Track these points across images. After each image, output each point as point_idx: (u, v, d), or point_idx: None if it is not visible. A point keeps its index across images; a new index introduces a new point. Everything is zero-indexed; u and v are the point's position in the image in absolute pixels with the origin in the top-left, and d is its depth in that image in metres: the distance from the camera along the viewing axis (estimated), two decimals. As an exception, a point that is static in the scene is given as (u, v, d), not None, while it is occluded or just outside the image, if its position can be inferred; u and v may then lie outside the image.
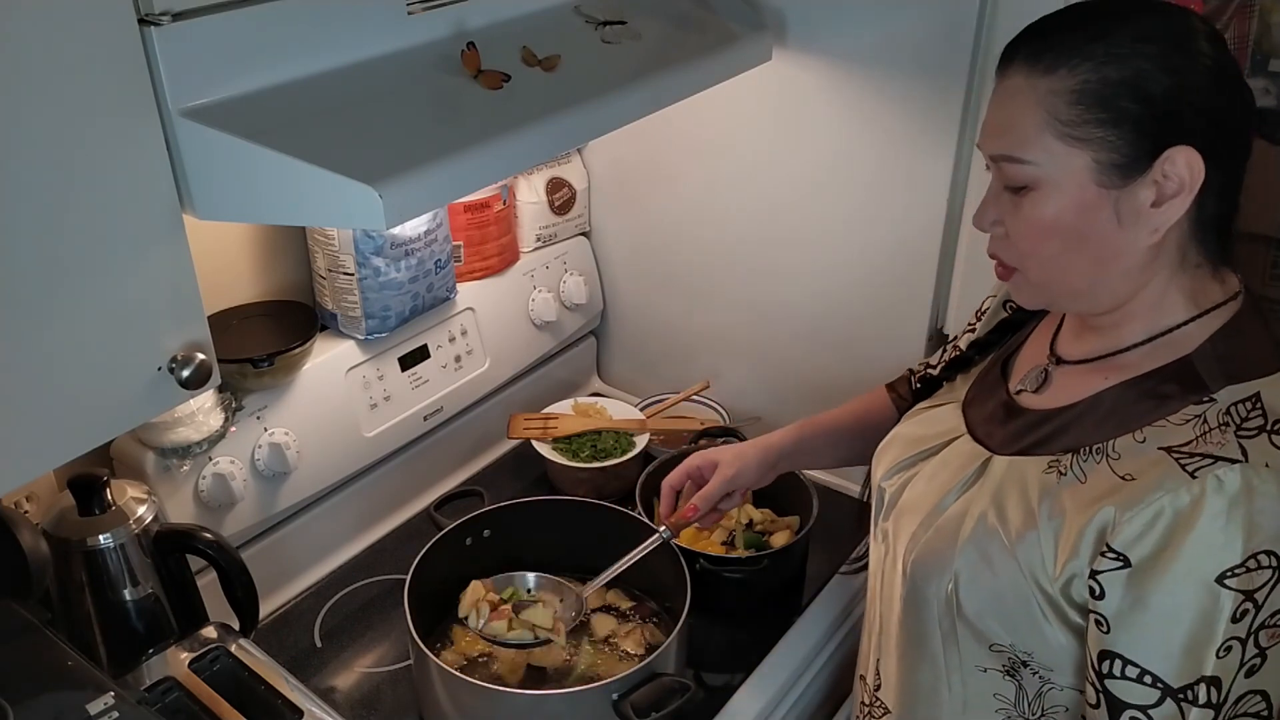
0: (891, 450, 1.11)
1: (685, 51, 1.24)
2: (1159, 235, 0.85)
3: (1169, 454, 0.84)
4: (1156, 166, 0.83)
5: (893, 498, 1.07)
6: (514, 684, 1.25)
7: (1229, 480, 0.80)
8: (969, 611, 0.95)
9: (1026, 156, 0.85)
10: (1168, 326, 0.90)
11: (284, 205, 0.88)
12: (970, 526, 0.95)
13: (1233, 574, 0.80)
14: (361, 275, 1.39)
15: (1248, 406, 0.84)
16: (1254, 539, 0.80)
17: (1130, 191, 0.84)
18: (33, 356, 0.79)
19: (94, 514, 1.10)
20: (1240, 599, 0.80)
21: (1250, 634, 0.81)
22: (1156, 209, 0.84)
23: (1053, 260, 0.89)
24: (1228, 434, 0.82)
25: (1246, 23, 1.95)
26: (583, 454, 1.60)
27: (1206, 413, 0.85)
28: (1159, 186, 0.83)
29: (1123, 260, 0.87)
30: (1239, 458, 0.81)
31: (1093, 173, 0.84)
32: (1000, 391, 1.02)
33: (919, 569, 1.00)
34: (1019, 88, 0.86)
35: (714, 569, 1.33)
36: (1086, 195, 0.85)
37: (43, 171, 0.76)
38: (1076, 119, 0.83)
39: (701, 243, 1.66)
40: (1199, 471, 0.81)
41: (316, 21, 0.92)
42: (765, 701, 1.26)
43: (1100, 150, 0.83)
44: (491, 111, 1.00)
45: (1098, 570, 0.85)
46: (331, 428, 1.42)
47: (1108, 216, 0.85)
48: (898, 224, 1.43)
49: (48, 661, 0.93)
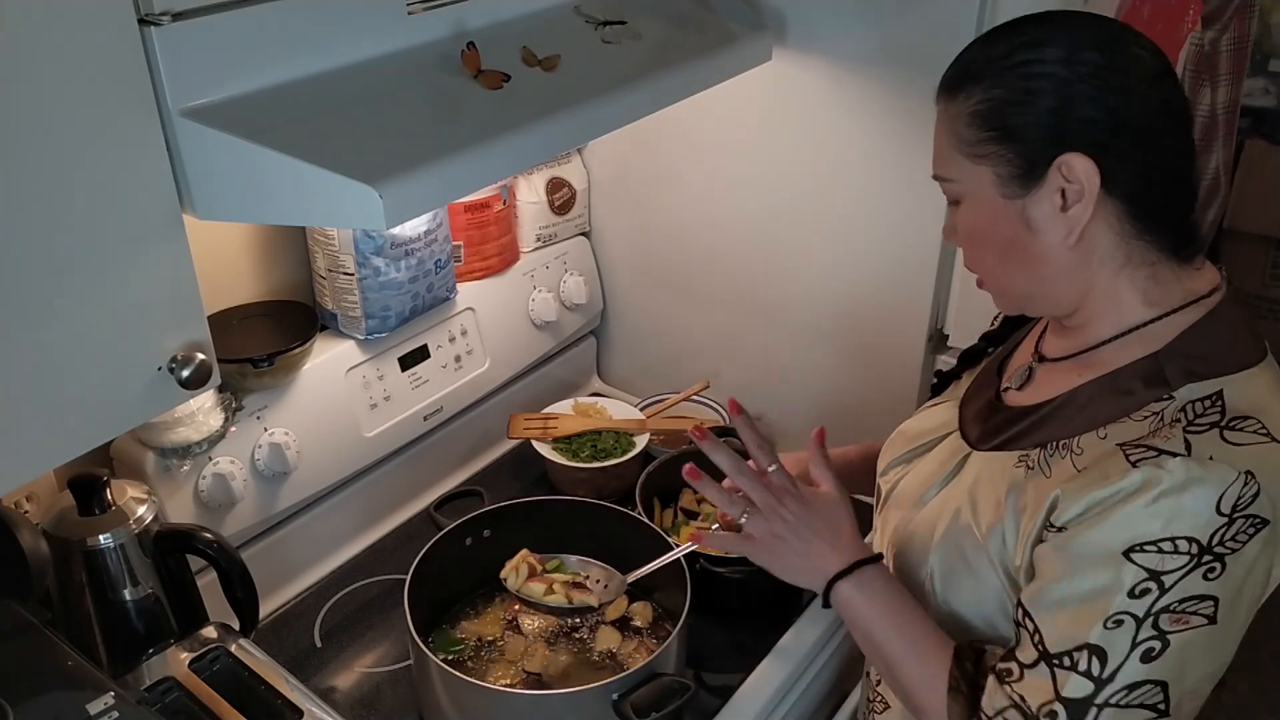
0: (893, 446, 1.13)
1: (685, 51, 1.24)
2: (1074, 238, 0.88)
3: (1121, 449, 0.86)
4: (1053, 173, 0.86)
5: (887, 492, 1.10)
6: (514, 684, 1.25)
7: (1166, 470, 0.82)
8: (945, 605, 0.97)
9: (946, 174, 0.93)
10: (1132, 324, 0.91)
11: (284, 205, 0.88)
12: (945, 523, 0.97)
13: (1141, 549, 0.81)
14: (361, 275, 1.39)
15: (1205, 404, 0.85)
16: (1176, 523, 0.81)
17: (1034, 200, 0.88)
18: (33, 356, 0.79)
19: (94, 514, 1.10)
20: (1143, 576, 0.81)
21: (1149, 614, 0.81)
22: (1064, 214, 0.87)
23: (994, 269, 0.95)
24: (1175, 429, 0.84)
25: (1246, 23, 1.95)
26: (583, 454, 1.60)
27: (1165, 410, 0.86)
28: (1063, 192, 0.86)
29: (1052, 264, 0.90)
30: (1180, 451, 0.82)
31: (996, 185, 0.89)
32: (991, 389, 1.04)
33: (900, 562, 1.03)
34: (940, 113, 0.93)
35: (714, 569, 1.33)
36: (996, 206, 0.90)
37: (43, 172, 0.76)
38: (974, 138, 0.89)
39: (702, 243, 1.66)
40: (1140, 462, 0.83)
41: (316, 21, 0.93)
42: (765, 701, 1.26)
43: (998, 164, 0.88)
44: (491, 111, 1.00)
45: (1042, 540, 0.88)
46: (331, 428, 1.42)
47: (1019, 225, 0.89)
48: (898, 224, 1.43)
49: (48, 661, 0.93)
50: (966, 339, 1.45)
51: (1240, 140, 2.25)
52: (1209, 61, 1.93)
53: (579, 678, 1.27)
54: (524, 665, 1.28)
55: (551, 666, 1.28)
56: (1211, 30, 1.90)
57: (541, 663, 1.28)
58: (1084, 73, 0.85)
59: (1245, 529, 0.80)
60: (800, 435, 1.63)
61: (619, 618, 1.35)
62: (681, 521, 1.49)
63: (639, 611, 1.36)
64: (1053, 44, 0.86)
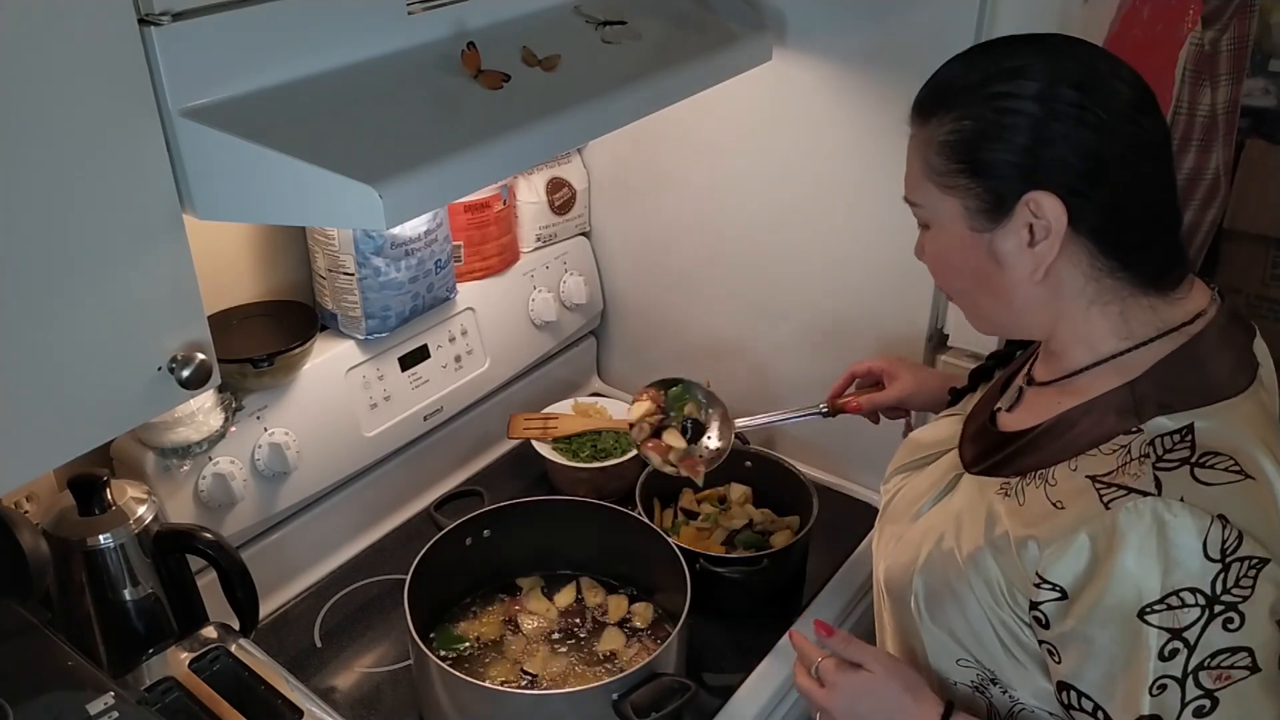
0: (900, 454, 1.12)
1: (685, 51, 1.24)
2: (1040, 275, 0.86)
3: (1092, 483, 0.84)
4: (1021, 210, 0.84)
5: (885, 502, 1.09)
6: (514, 684, 1.25)
7: (1139, 513, 0.79)
8: (933, 625, 0.96)
9: (915, 200, 0.92)
10: (1107, 354, 0.89)
11: (284, 205, 0.88)
12: (929, 547, 0.96)
13: (1152, 610, 0.79)
14: (361, 275, 1.39)
15: (1175, 439, 0.82)
16: (1172, 575, 0.78)
17: (1001, 235, 0.86)
18: (33, 356, 0.79)
19: (94, 514, 1.10)
20: (1166, 637, 0.79)
21: (1187, 674, 0.79)
22: (1031, 249, 0.85)
23: (962, 295, 0.94)
24: (1145, 466, 0.82)
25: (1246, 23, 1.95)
26: (583, 454, 1.60)
27: (1132, 443, 0.84)
28: (1030, 228, 0.85)
29: (1019, 296, 0.89)
30: (1151, 490, 0.80)
31: (964, 218, 0.87)
32: (989, 408, 1.03)
33: (887, 580, 1.02)
34: (912, 135, 0.91)
35: (714, 569, 1.33)
36: (964, 238, 0.88)
37: (43, 172, 0.76)
38: (944, 168, 0.87)
39: (702, 243, 1.66)
40: (1113, 503, 0.81)
41: (316, 21, 0.92)
42: (765, 701, 1.26)
43: (966, 197, 0.86)
44: (491, 111, 1.00)
45: (1037, 601, 0.85)
46: (331, 428, 1.42)
47: (985, 258, 0.88)
48: (898, 223, 1.42)
49: (48, 661, 0.93)
50: (967, 339, 1.45)
51: (1240, 140, 2.25)
52: (1209, 61, 1.93)
53: (579, 678, 1.27)
54: (524, 665, 1.28)
55: (551, 666, 1.28)
56: (1211, 30, 1.90)
57: (541, 663, 1.28)
58: (1059, 110, 0.82)
59: (1246, 572, 0.78)
60: (800, 435, 1.64)
61: (621, 619, 1.35)
62: (682, 522, 1.49)
63: (639, 611, 1.36)
64: (1030, 75, 0.83)
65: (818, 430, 1.38)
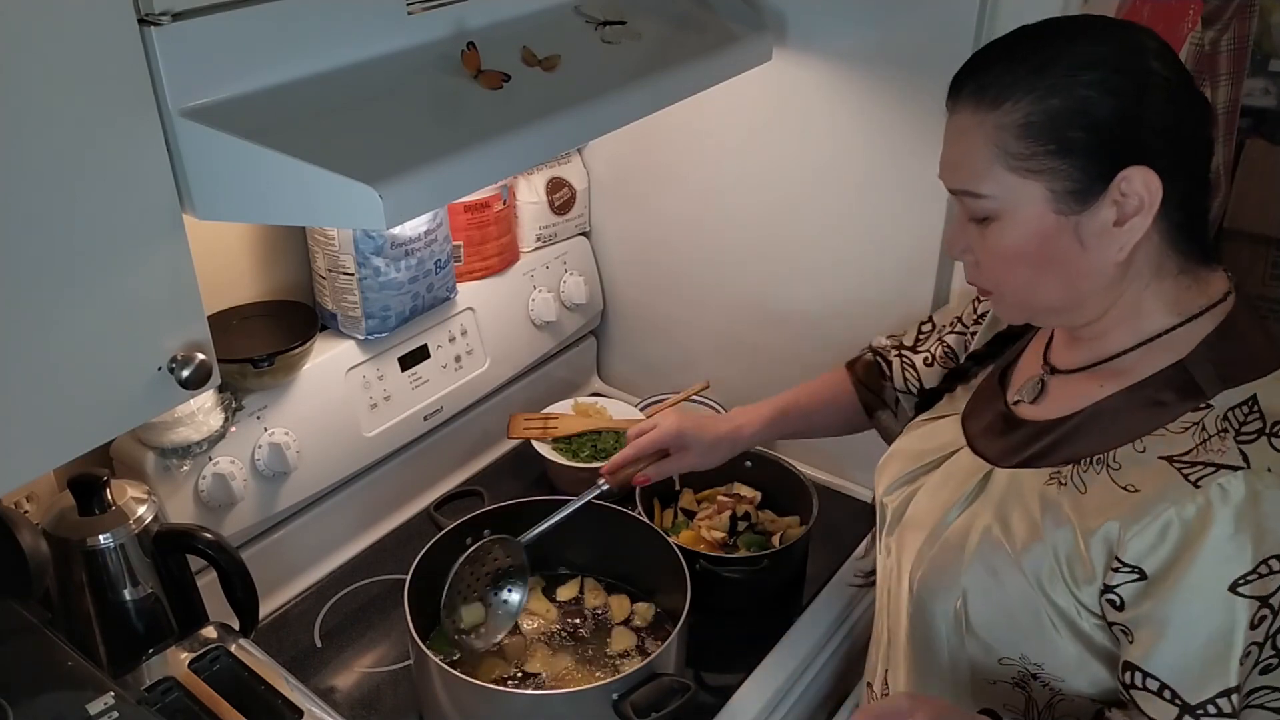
0: (892, 465, 1.10)
1: (685, 51, 1.24)
2: (1125, 253, 0.86)
3: (1170, 464, 0.84)
4: (1113, 188, 0.83)
5: (896, 513, 1.07)
6: (514, 684, 1.25)
7: (1233, 488, 0.80)
8: (978, 626, 0.95)
9: (982, 190, 0.87)
10: (1153, 333, 0.90)
11: (284, 205, 0.88)
12: (975, 541, 0.94)
13: (1245, 581, 0.80)
14: (361, 275, 1.39)
15: (1245, 410, 0.83)
16: (1264, 544, 0.79)
17: (1089, 215, 0.84)
18: (33, 356, 0.79)
19: (94, 514, 1.10)
20: (1256, 606, 0.80)
21: (1268, 638, 0.81)
22: (1119, 228, 0.84)
23: (1024, 285, 0.90)
24: (1227, 440, 0.82)
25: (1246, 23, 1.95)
26: (583, 454, 1.60)
27: (1204, 419, 0.84)
28: (1119, 206, 0.84)
29: (1093, 279, 0.88)
30: (1241, 464, 0.81)
31: (1049, 202, 0.85)
32: (998, 403, 1.02)
33: (925, 587, 0.99)
34: (968, 124, 0.87)
35: (714, 569, 1.33)
36: (1045, 224, 0.85)
37: (43, 172, 0.76)
38: (1026, 151, 0.84)
39: (701, 243, 1.66)
40: (1202, 481, 0.81)
41: (316, 21, 0.92)
42: (765, 701, 1.26)
43: (1054, 180, 0.84)
44: (491, 111, 1.00)
45: (1113, 584, 0.85)
46: (331, 428, 1.42)
47: (1070, 241, 0.86)
48: (897, 224, 1.43)
49: (48, 661, 0.93)
50: (966, 339, 1.45)
51: (1240, 140, 2.25)
52: (1209, 61, 1.93)
53: (579, 678, 1.27)
54: (524, 665, 1.28)
55: (551, 666, 1.28)
56: (1211, 30, 1.90)
57: (541, 663, 1.28)
58: (1145, 83, 0.82)
59: None
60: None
61: (625, 618, 1.35)
62: (682, 522, 1.49)
63: (639, 611, 1.36)
64: (1109, 54, 0.83)
65: (818, 430, 1.38)
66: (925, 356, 1.24)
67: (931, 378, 1.22)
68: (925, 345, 1.25)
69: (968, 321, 1.20)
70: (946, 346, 1.21)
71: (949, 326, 1.22)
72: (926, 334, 1.26)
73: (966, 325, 1.20)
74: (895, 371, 1.27)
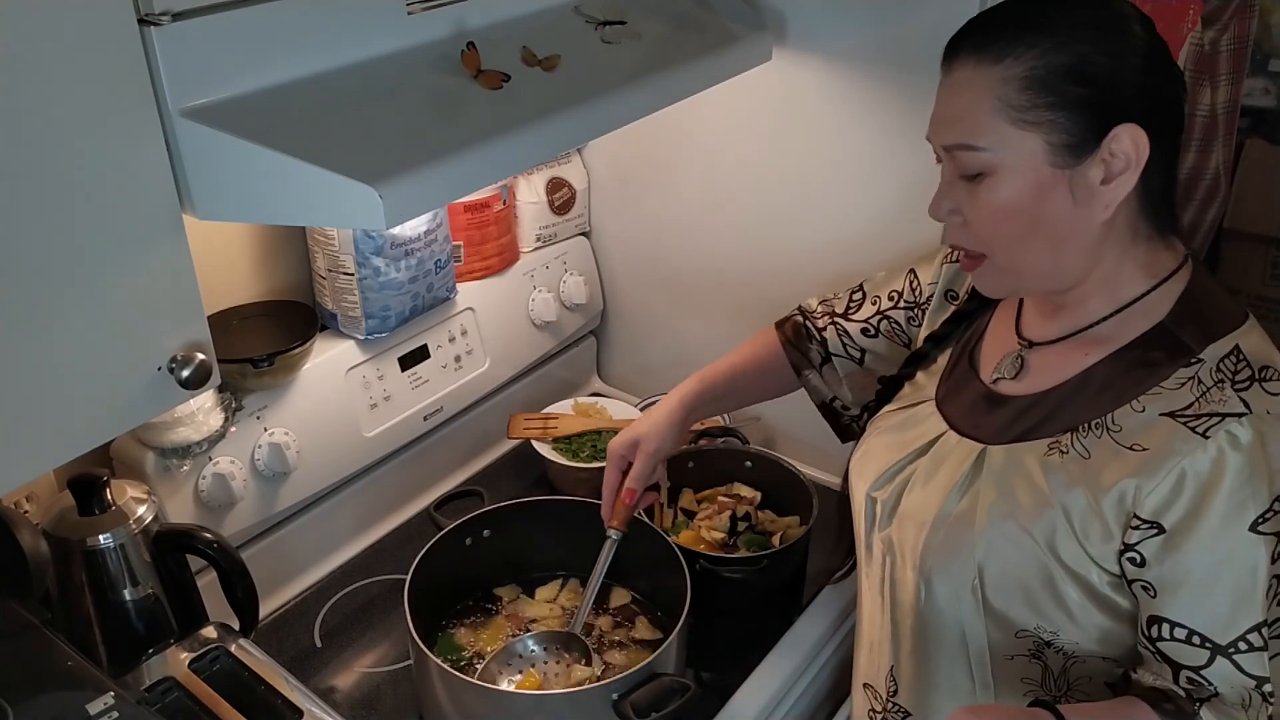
0: (873, 461, 1.09)
1: (685, 51, 1.24)
2: (1110, 211, 0.88)
3: (1174, 419, 0.87)
4: (1104, 145, 0.86)
5: (888, 506, 1.06)
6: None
7: (1241, 434, 0.83)
8: (995, 603, 0.96)
9: (980, 143, 0.89)
10: (1130, 298, 0.93)
11: (284, 205, 0.88)
12: (984, 519, 0.96)
13: (1264, 519, 0.83)
14: (361, 275, 1.39)
15: (1234, 360, 0.87)
16: (1277, 482, 0.83)
17: (1082, 170, 0.87)
18: (33, 356, 0.79)
19: (94, 514, 1.10)
20: (1275, 541, 0.84)
21: None
22: (1106, 186, 0.87)
23: (1014, 243, 0.92)
24: (1226, 390, 0.86)
25: (1246, 23, 1.95)
26: (583, 454, 1.60)
27: (1199, 373, 0.88)
28: (1107, 165, 0.87)
29: (1079, 238, 0.90)
30: (1244, 410, 0.84)
31: (1046, 154, 0.87)
32: (975, 383, 1.03)
33: (938, 573, 0.99)
34: (968, 78, 0.90)
35: (714, 569, 1.33)
36: (1042, 176, 0.88)
37: (42, 172, 0.76)
38: (1027, 103, 0.86)
39: (701, 242, 1.66)
40: (1210, 431, 0.84)
41: (316, 21, 0.92)
42: (765, 701, 1.26)
43: (1051, 132, 0.86)
44: (491, 111, 1.00)
45: (1132, 542, 0.88)
46: (331, 428, 1.42)
47: (1063, 196, 0.88)
48: (898, 223, 1.43)
49: (48, 661, 0.93)
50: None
51: (1240, 140, 2.25)
52: (1209, 61, 1.93)
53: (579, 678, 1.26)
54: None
55: (551, 667, 1.28)
56: (1211, 30, 1.90)
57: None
58: (1136, 48, 0.86)
59: None
60: (799, 435, 1.64)
61: (625, 619, 1.35)
62: (682, 522, 1.49)
63: (640, 611, 1.36)
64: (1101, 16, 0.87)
65: (818, 430, 1.37)
66: (865, 327, 1.24)
67: (878, 349, 1.23)
68: (859, 314, 1.25)
69: (912, 299, 1.20)
70: (893, 322, 1.22)
71: (890, 301, 1.22)
72: (859, 302, 1.26)
73: (912, 303, 1.19)
74: (830, 337, 1.27)
